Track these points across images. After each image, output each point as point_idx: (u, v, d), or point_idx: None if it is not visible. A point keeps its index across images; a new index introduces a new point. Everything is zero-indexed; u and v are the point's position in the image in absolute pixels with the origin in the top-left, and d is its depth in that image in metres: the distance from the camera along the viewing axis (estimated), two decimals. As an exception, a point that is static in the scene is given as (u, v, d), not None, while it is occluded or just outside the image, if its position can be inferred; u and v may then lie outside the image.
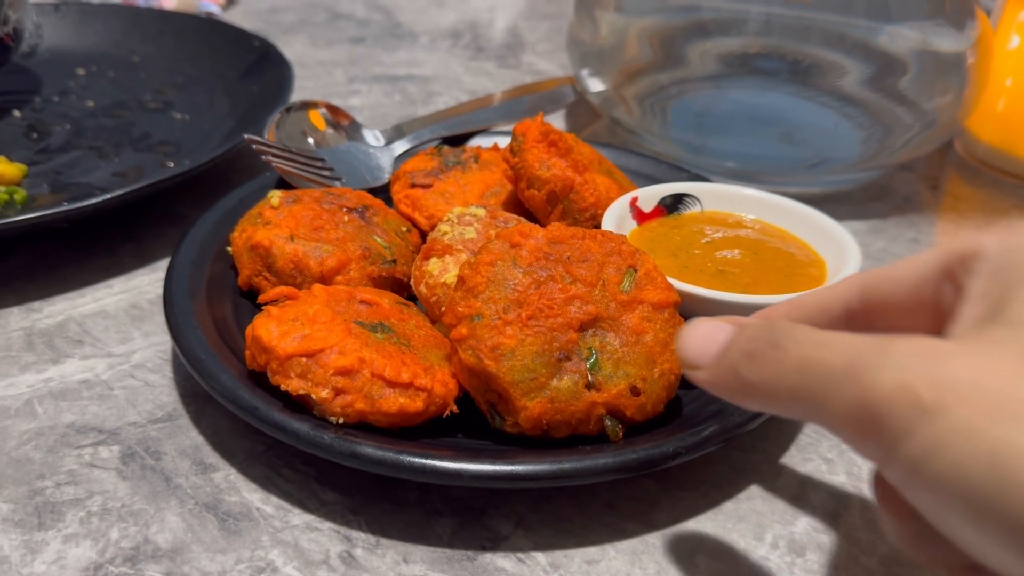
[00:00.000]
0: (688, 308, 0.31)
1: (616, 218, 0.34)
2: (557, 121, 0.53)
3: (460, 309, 0.28)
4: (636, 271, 0.29)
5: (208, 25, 0.56)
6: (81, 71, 0.54)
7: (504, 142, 0.43)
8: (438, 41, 0.65)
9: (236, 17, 0.68)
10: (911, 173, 0.49)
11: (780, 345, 0.21)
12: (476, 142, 0.45)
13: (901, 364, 0.18)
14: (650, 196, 0.36)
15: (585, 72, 0.49)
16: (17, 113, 0.49)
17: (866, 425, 0.18)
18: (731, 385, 0.22)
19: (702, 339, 0.23)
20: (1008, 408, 0.17)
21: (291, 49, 0.61)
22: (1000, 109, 0.50)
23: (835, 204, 0.45)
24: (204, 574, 0.25)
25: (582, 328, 0.28)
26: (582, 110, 0.53)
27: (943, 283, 0.22)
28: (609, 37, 0.47)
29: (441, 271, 0.31)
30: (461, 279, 0.28)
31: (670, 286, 0.30)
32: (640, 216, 0.36)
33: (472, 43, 0.65)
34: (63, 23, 0.57)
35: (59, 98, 0.51)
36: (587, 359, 0.28)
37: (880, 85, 0.45)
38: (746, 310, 0.29)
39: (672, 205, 0.36)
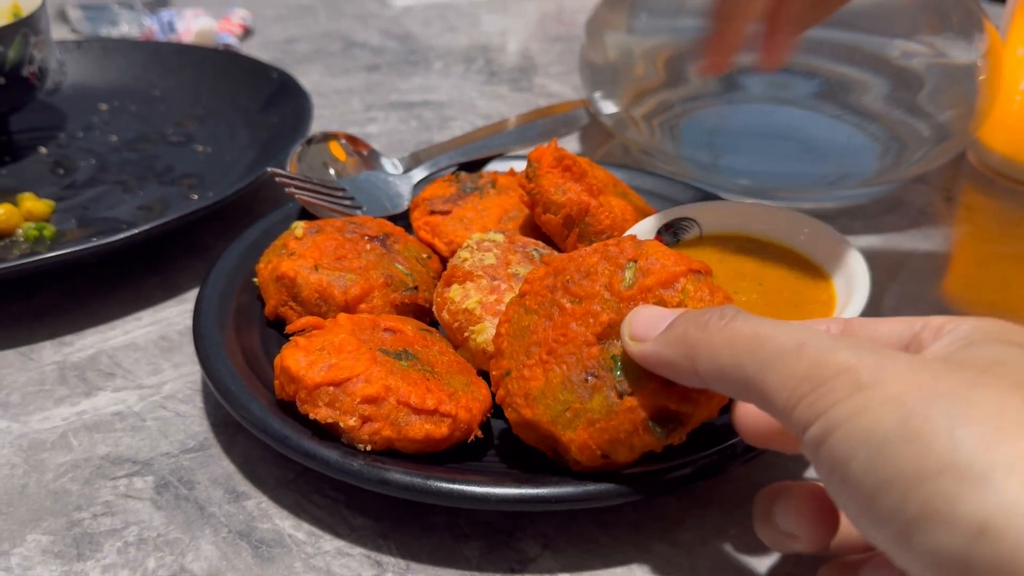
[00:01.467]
0: None
1: None
2: (571, 143, 0.53)
3: (493, 373, 0.28)
4: (637, 262, 0.29)
5: (227, 58, 0.57)
6: (104, 106, 0.55)
7: (520, 166, 0.44)
8: (452, 66, 0.66)
9: (253, 47, 0.69)
10: (925, 185, 0.49)
11: (733, 319, 0.23)
12: (493, 167, 0.45)
13: (853, 351, 0.20)
14: (647, 229, 0.36)
15: (597, 94, 0.49)
16: (43, 150, 0.51)
17: (802, 394, 0.20)
18: (675, 352, 0.24)
19: (650, 318, 0.26)
20: (936, 389, 0.19)
21: (308, 78, 0.62)
22: (1012, 119, 0.50)
23: (849, 219, 0.46)
24: (239, 601, 0.26)
25: (600, 340, 0.28)
26: (596, 132, 0.54)
27: (910, 344, 0.23)
28: (618, 58, 0.48)
29: (462, 297, 0.32)
30: (493, 343, 0.29)
31: (678, 257, 0.29)
32: None
33: (485, 67, 0.66)
34: (85, 59, 0.58)
35: (83, 134, 0.52)
36: (611, 369, 0.27)
37: (893, 99, 0.46)
38: None
39: (672, 233, 0.37)
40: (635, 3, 0.48)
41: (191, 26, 0.66)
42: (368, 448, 0.28)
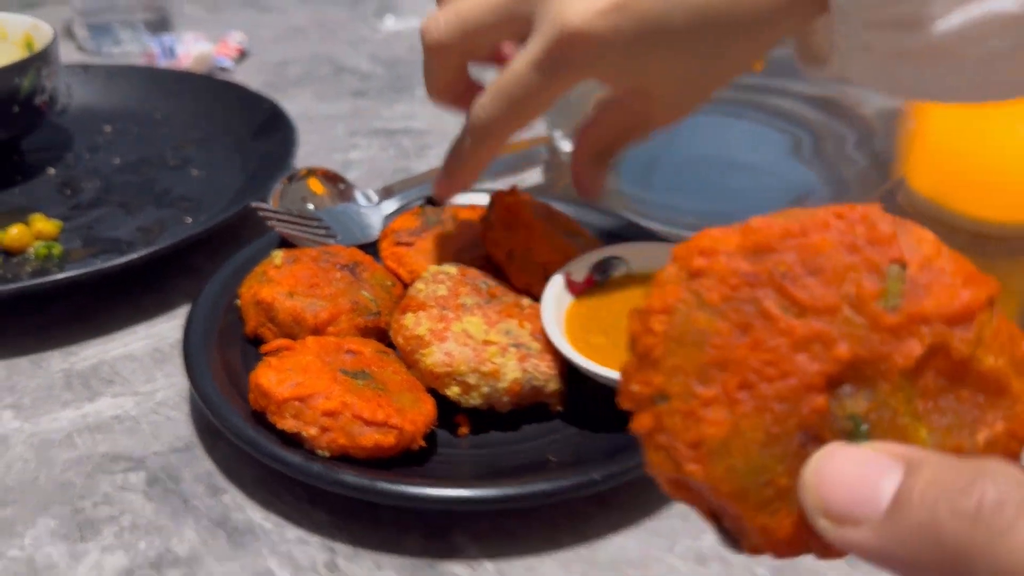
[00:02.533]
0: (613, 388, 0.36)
1: (554, 296, 0.39)
2: (535, 176, 0.58)
3: (635, 388, 0.19)
4: (906, 267, 0.19)
5: (222, 86, 0.62)
6: (108, 128, 0.60)
7: (482, 199, 0.49)
8: (432, 93, 0.71)
9: (248, 70, 0.74)
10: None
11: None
12: (459, 199, 0.50)
13: None
14: (580, 267, 0.41)
15: (556, 133, 0.55)
16: (52, 171, 0.56)
17: None
18: (923, 556, 0.15)
19: (858, 481, 0.16)
20: None
21: (297, 103, 0.67)
22: (934, 165, 0.55)
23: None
24: (215, 579, 0.31)
25: (831, 385, 0.18)
26: (560, 165, 0.59)
27: None
28: (567, 100, 0.53)
29: (415, 324, 0.37)
30: (633, 339, 0.19)
31: (964, 266, 0.19)
32: (574, 288, 0.40)
33: (463, 95, 0.71)
34: (91, 82, 0.63)
35: (89, 155, 0.57)
36: (850, 434, 0.18)
37: (824, 145, 0.51)
38: None
39: (603, 270, 0.41)
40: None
41: (190, 51, 0.71)
42: (326, 454, 0.33)
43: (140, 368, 0.41)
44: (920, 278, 0.19)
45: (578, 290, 0.40)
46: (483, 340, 0.37)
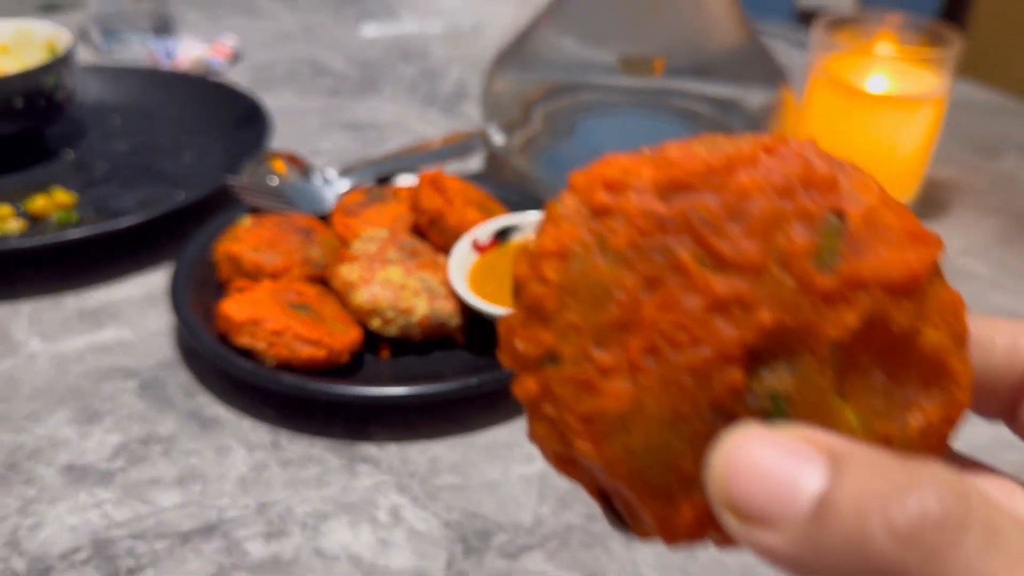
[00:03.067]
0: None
1: (461, 254, 0.49)
2: (476, 163, 0.69)
3: (519, 345, 0.17)
4: (844, 217, 0.16)
5: (213, 85, 0.73)
6: (117, 119, 0.71)
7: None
8: (399, 93, 0.82)
9: (239, 71, 0.85)
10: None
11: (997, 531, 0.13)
12: (402, 180, 0.61)
13: None
14: (485, 232, 0.51)
15: (491, 126, 0.65)
16: (70, 153, 0.67)
17: None
18: (846, 574, 0.13)
19: (772, 473, 0.14)
20: None
21: (279, 98, 0.78)
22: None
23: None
24: (187, 451, 0.42)
25: (752, 357, 0.16)
26: (493, 155, 0.70)
27: None
28: (498, 100, 0.64)
29: (348, 272, 0.48)
30: (518, 285, 0.17)
31: (925, 235, 0.17)
32: (479, 249, 0.51)
33: (426, 95, 0.82)
34: (103, 79, 0.74)
35: (100, 142, 0.68)
36: (767, 415, 0.16)
37: (715, 128, 0.61)
38: None
39: (503, 236, 0.52)
40: (511, 58, 0.64)
41: (188, 53, 0.82)
42: (272, 364, 0.44)
43: (137, 307, 0.52)
44: (861, 233, 0.16)
45: (482, 250, 0.51)
46: (401, 285, 0.47)
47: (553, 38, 0.62)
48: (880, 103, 0.61)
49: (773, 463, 0.14)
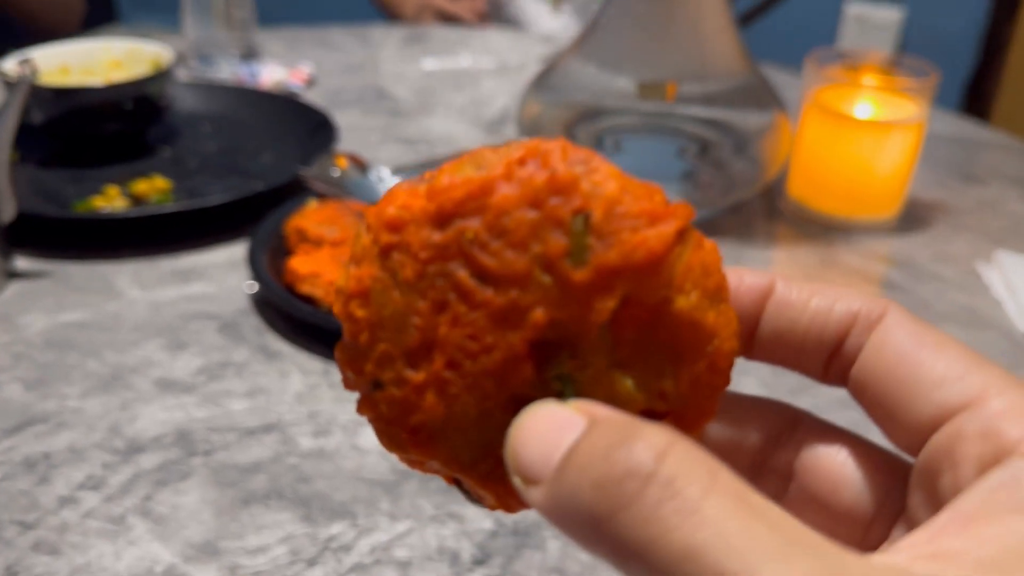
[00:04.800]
0: None
1: None
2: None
3: (349, 375, 0.19)
4: (590, 215, 0.18)
5: (290, 101, 0.85)
6: (207, 126, 0.83)
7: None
8: (450, 114, 0.93)
9: (314, 93, 0.97)
10: (735, 216, 0.74)
11: (679, 497, 0.14)
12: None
13: None
14: None
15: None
16: (168, 151, 0.79)
17: None
18: (570, 521, 0.15)
19: (540, 436, 0.16)
20: None
21: (347, 118, 0.90)
22: (802, 175, 0.74)
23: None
24: (255, 373, 0.52)
25: (539, 351, 0.18)
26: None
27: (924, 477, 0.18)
28: (534, 119, 0.74)
29: (393, 242, 0.58)
30: (340, 321, 0.19)
31: (665, 210, 0.18)
32: None
33: (473, 117, 0.93)
34: (199, 95, 0.87)
35: (193, 143, 0.80)
36: (559, 395, 0.18)
37: (716, 154, 0.70)
38: None
39: None
40: (540, 85, 0.74)
41: (270, 76, 0.94)
42: (327, 308, 0.53)
43: (219, 270, 0.63)
44: (605, 227, 0.18)
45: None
46: (435, 254, 0.57)
47: (579, 66, 0.72)
48: (864, 127, 0.69)
49: (544, 428, 0.16)
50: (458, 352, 0.18)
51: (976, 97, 1.92)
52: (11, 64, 0.77)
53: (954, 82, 1.97)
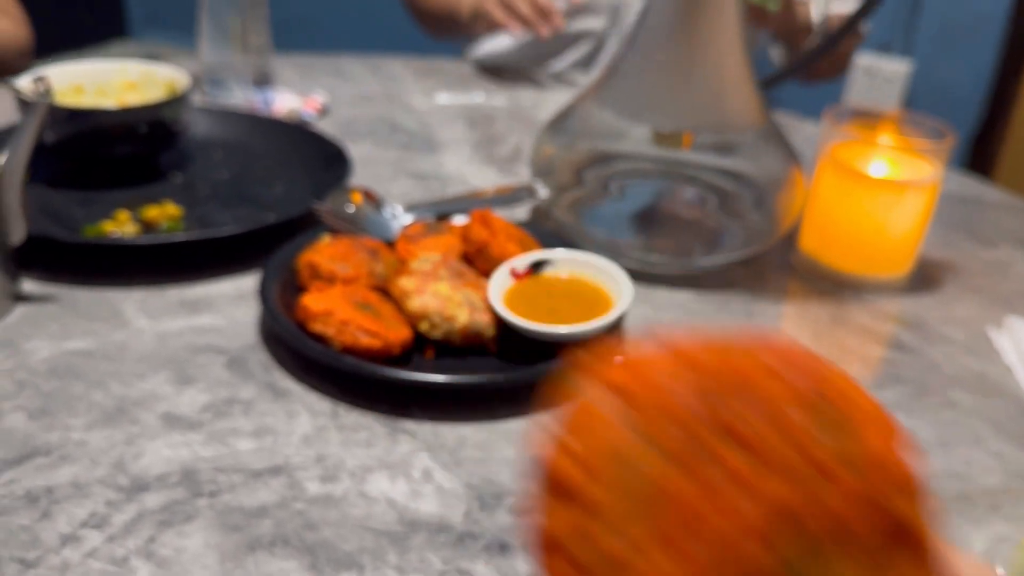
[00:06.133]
0: (528, 338, 0.55)
1: (500, 279, 0.58)
2: (522, 212, 0.79)
3: (573, 546, 0.18)
4: (858, 437, 0.19)
5: (304, 131, 0.85)
6: (219, 152, 0.83)
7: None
8: (463, 151, 0.93)
9: (326, 123, 0.97)
10: (746, 268, 0.74)
11: None
12: (457, 219, 0.71)
13: None
14: (522, 262, 0.61)
15: (538, 183, 0.75)
16: (179, 177, 0.78)
17: None
18: None
19: None
20: None
21: (359, 149, 0.89)
22: (815, 231, 0.74)
23: (681, 280, 0.70)
24: (262, 412, 0.51)
25: (773, 530, 0.18)
26: (538, 206, 0.80)
27: None
28: (547, 160, 0.74)
29: (406, 283, 0.57)
30: (558, 474, 0.19)
31: (899, 435, 0.20)
32: (516, 276, 0.60)
33: (486, 155, 0.93)
34: (211, 120, 0.87)
35: (204, 169, 0.80)
36: None
37: (731, 204, 0.70)
38: (559, 336, 0.54)
39: (537, 267, 0.61)
40: (556, 128, 0.75)
41: (283, 104, 0.94)
42: (338, 348, 0.53)
43: (228, 301, 0.62)
44: (862, 434, 0.18)
45: (518, 277, 0.60)
46: (448, 297, 0.57)
47: (596, 111, 0.72)
48: (878, 186, 0.69)
49: None
50: (725, 544, 0.17)
51: (981, 151, 1.94)
52: (26, 82, 0.77)
53: (959, 136, 1.98)
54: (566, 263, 0.61)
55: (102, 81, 0.82)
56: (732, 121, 0.70)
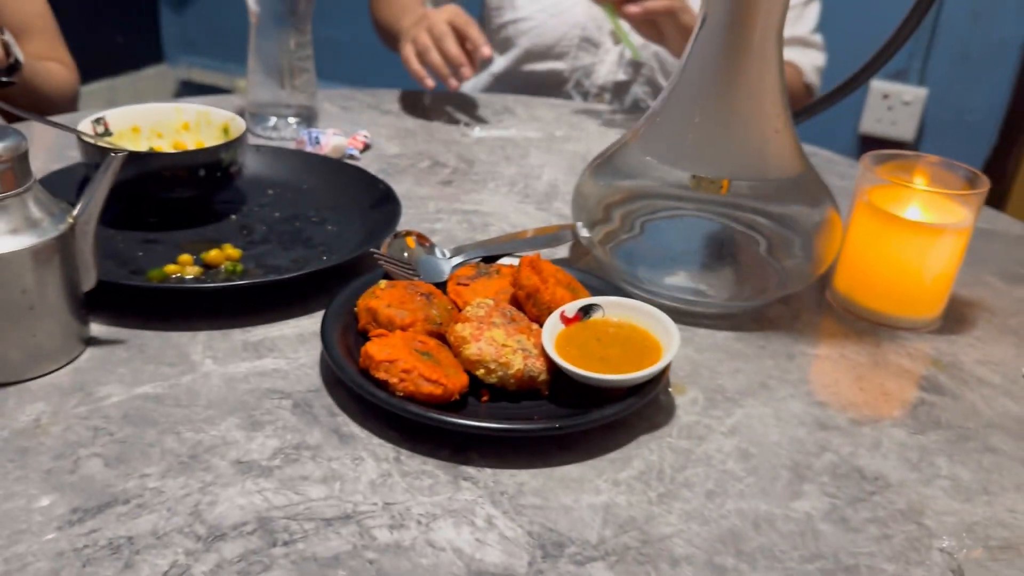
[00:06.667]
0: (579, 383, 0.57)
1: (552, 324, 0.61)
2: (562, 251, 0.81)
3: None
4: None
5: (352, 169, 0.87)
6: (271, 191, 0.86)
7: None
8: (500, 187, 0.95)
9: (369, 158, 0.99)
10: (784, 307, 0.76)
11: None
12: (504, 261, 0.73)
13: None
14: (572, 307, 0.63)
15: (579, 223, 0.77)
16: (234, 217, 0.81)
17: None
18: None
19: None
20: None
21: (402, 185, 0.92)
22: (849, 271, 0.76)
23: (721, 319, 0.72)
24: (329, 458, 0.54)
25: None
26: (580, 245, 0.82)
27: None
28: (586, 201, 0.76)
29: (462, 330, 0.60)
30: None
31: None
32: (565, 321, 0.62)
33: (523, 190, 0.95)
34: (262, 159, 0.89)
35: (258, 209, 0.83)
36: None
37: (770, 246, 0.72)
38: (611, 383, 0.56)
39: (586, 312, 0.64)
40: (602, 168, 0.77)
41: (330, 141, 0.97)
42: (400, 395, 0.55)
43: (290, 344, 0.65)
44: None
45: (568, 322, 0.63)
46: (502, 344, 0.59)
47: (638, 155, 0.74)
48: (912, 229, 0.71)
49: None
50: None
51: (995, 177, 1.94)
52: (86, 124, 0.80)
53: (974, 161, 1.99)
54: (613, 308, 0.64)
55: (158, 122, 0.85)
56: (772, 168, 0.72)
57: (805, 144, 0.75)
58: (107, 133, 0.82)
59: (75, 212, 0.60)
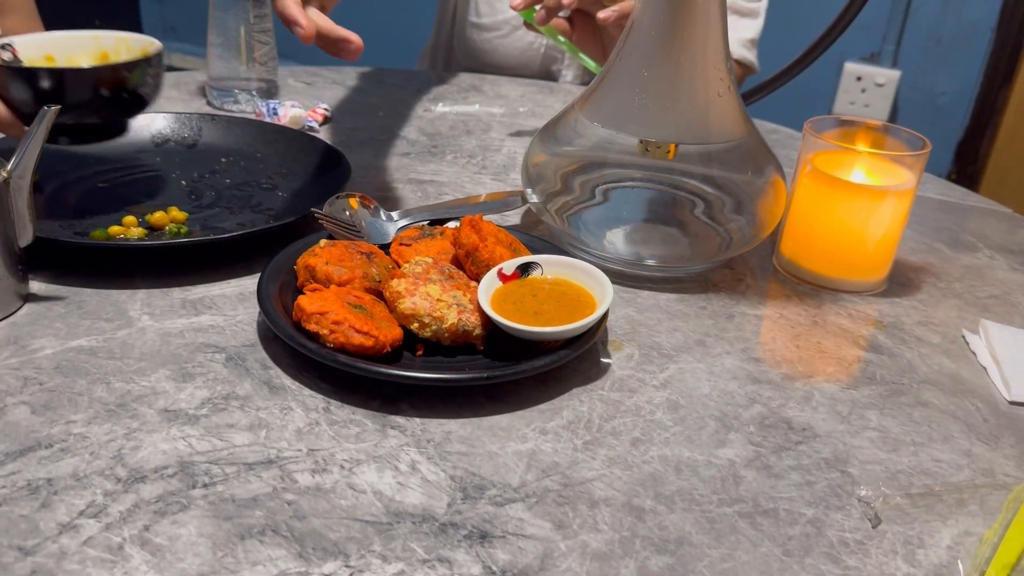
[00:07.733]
0: (515, 338, 0.58)
1: (489, 281, 0.61)
2: (514, 218, 0.81)
3: None
4: None
5: (307, 139, 0.87)
6: (224, 160, 0.86)
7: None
8: (459, 159, 0.96)
9: (329, 131, 0.99)
10: (729, 271, 0.76)
11: None
12: (451, 225, 0.74)
13: None
14: (510, 265, 0.63)
15: (528, 189, 0.78)
16: (184, 182, 0.81)
17: None
18: None
19: None
20: None
21: (360, 157, 0.92)
22: (794, 236, 0.76)
23: (665, 283, 0.72)
24: (257, 408, 0.54)
25: None
26: (529, 211, 0.82)
27: None
28: (538, 167, 0.76)
29: (397, 285, 0.60)
30: None
31: None
32: (503, 278, 0.62)
33: (480, 162, 0.95)
34: (216, 128, 0.89)
35: (209, 176, 0.83)
36: None
37: (714, 211, 0.73)
38: (542, 335, 0.57)
39: (524, 270, 0.64)
40: (547, 137, 0.77)
41: (288, 113, 0.97)
42: (331, 347, 0.55)
43: (229, 302, 0.65)
44: None
45: (506, 280, 0.63)
46: (438, 298, 0.59)
47: (585, 121, 0.74)
48: (854, 191, 0.71)
49: None
50: None
51: (967, 158, 1.95)
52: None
53: (947, 142, 2.00)
54: (552, 266, 0.64)
55: (74, 51, 0.79)
56: (716, 131, 0.72)
57: (777, 125, 0.75)
58: (16, 61, 0.79)
59: (8, 166, 0.60)
